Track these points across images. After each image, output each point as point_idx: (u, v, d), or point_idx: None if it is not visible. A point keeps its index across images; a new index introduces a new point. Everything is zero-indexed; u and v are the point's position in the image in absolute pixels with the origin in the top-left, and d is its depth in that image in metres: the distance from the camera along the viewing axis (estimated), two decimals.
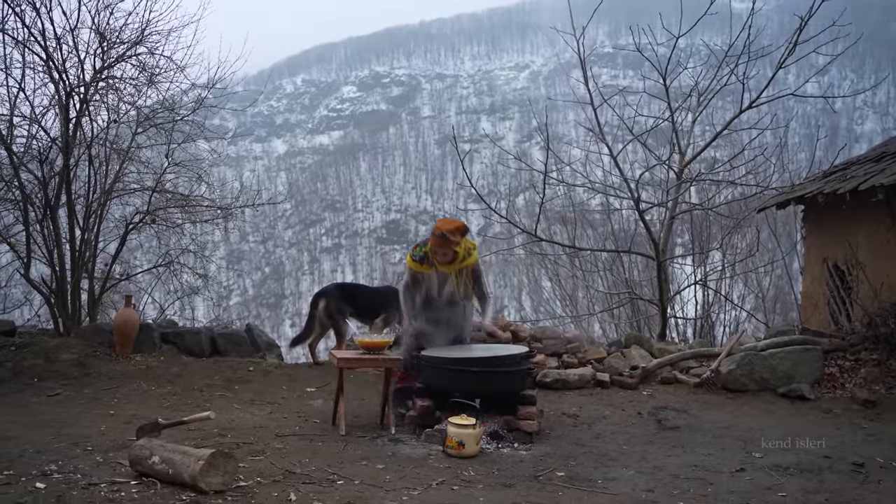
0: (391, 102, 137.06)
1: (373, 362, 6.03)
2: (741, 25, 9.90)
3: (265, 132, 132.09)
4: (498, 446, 5.35)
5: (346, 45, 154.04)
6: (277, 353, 9.04)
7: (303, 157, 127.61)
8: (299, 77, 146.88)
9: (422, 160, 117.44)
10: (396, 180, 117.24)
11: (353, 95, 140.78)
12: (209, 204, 10.22)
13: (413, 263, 6.15)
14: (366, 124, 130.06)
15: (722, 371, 7.57)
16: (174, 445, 4.37)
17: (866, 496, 4.47)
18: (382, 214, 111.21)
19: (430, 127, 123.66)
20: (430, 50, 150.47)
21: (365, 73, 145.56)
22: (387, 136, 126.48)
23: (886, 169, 8.25)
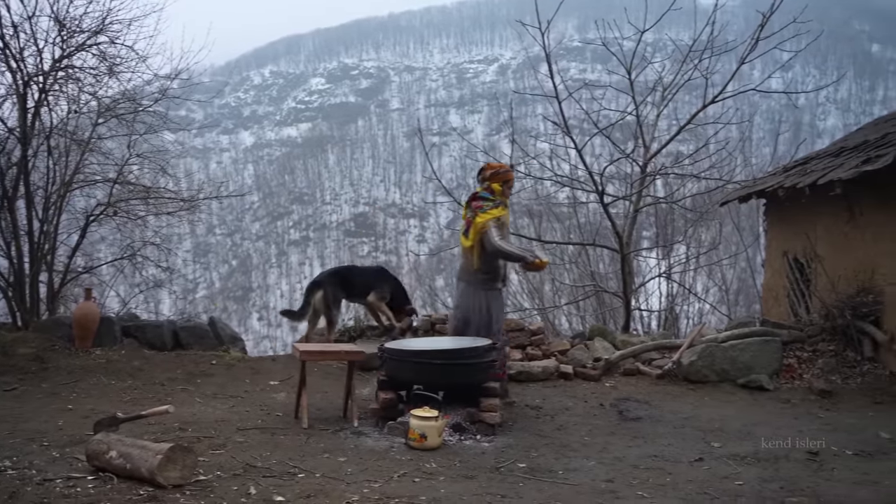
0: (360, 95, 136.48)
1: (335, 355, 6.02)
2: (706, 21, 10.00)
3: (232, 124, 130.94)
4: (460, 438, 5.37)
5: (315, 37, 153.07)
6: (241, 347, 8.97)
7: (270, 149, 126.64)
8: (267, 68, 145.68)
9: (390, 153, 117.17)
10: (365, 173, 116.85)
11: (322, 87, 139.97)
12: (172, 196, 10.10)
13: (496, 210, 6.23)
14: (334, 116, 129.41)
15: (683, 363, 7.67)
16: (132, 440, 4.32)
17: (820, 483, 4.56)
18: (351, 207, 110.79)
19: (398, 119, 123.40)
20: (400, 42, 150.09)
21: (333, 64, 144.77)
22: (355, 129, 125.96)
23: (845, 164, 8.39)
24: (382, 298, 8.25)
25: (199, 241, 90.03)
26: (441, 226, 59.90)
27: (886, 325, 7.91)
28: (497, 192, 6.32)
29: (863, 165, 7.74)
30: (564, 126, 9.83)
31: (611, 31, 10.42)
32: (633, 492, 4.34)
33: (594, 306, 13.94)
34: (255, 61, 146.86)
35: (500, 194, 6.32)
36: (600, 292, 12.64)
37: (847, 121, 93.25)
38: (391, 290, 8.33)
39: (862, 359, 7.98)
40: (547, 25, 9.14)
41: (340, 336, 8.25)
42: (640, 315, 13.47)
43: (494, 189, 6.32)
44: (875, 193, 8.10)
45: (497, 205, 6.28)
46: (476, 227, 6.22)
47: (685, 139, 12.26)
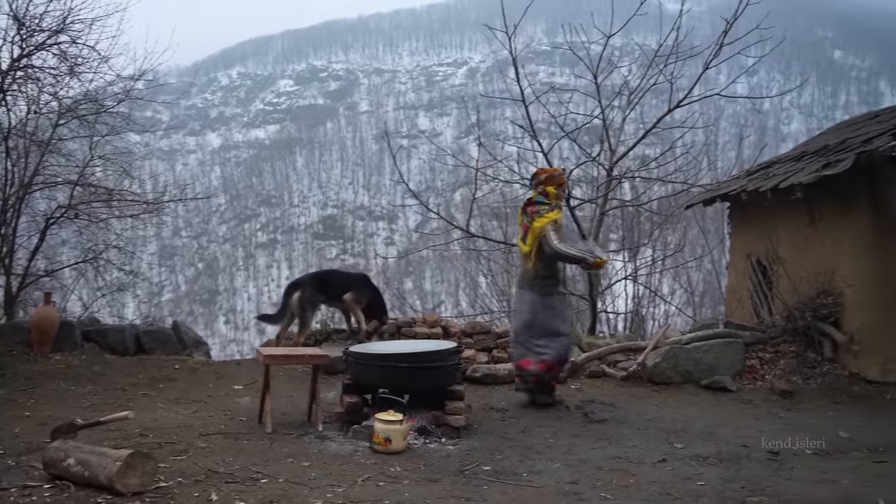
0: (328, 97, 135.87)
1: (300, 359, 5.98)
2: (672, 26, 10.11)
3: (199, 125, 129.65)
4: (425, 441, 5.36)
5: (283, 38, 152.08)
6: (205, 351, 8.87)
7: (238, 151, 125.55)
8: (234, 70, 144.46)
9: (359, 155, 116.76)
10: (333, 175, 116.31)
11: (290, 89, 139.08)
12: (134, 198, 9.96)
13: (552, 213, 6.35)
14: (303, 118, 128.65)
15: (648, 364, 7.73)
16: (91, 447, 4.25)
17: (780, 482, 4.62)
18: (319, 210, 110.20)
19: (367, 122, 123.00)
20: (369, 45, 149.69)
21: (302, 66, 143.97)
22: (324, 131, 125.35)
23: (805, 168, 8.53)
24: (358, 301, 8.22)
25: (164, 244, 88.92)
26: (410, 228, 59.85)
27: (846, 327, 8.05)
28: (552, 196, 6.44)
29: (823, 170, 7.87)
30: (531, 130, 9.88)
31: (579, 36, 10.50)
32: (597, 493, 4.36)
33: None
34: (223, 62, 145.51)
35: (554, 197, 6.44)
36: (567, 295, 12.68)
37: (810, 125, 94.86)
38: (370, 297, 8.32)
39: (822, 359, 8.12)
40: (514, 30, 9.19)
41: (306, 340, 8.21)
42: (607, 317, 13.57)
43: (549, 192, 6.43)
44: (835, 197, 8.25)
45: (553, 208, 6.39)
46: (534, 232, 6.31)
47: (652, 143, 12.39)
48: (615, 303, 14.20)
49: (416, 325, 8.20)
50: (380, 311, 8.35)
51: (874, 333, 7.78)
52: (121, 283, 10.86)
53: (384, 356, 5.59)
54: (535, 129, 10.57)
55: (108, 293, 11.03)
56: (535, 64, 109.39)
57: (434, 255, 35.10)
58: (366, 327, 8.19)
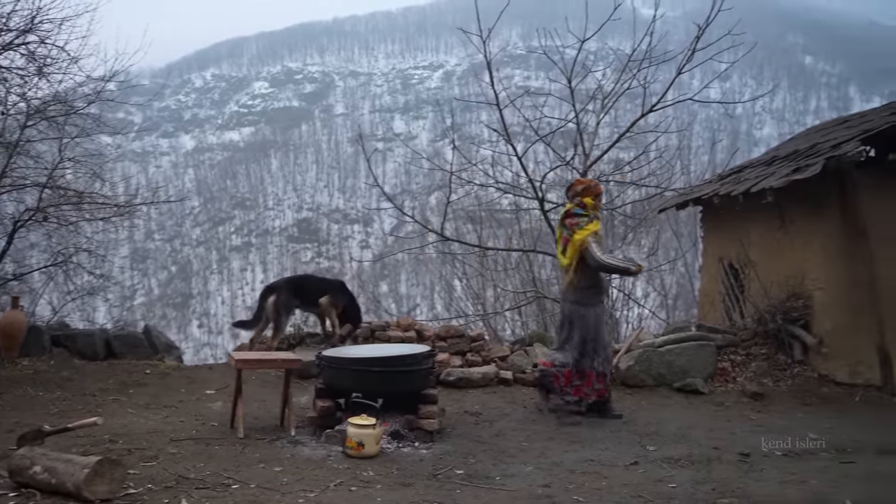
0: (304, 99, 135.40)
1: (272, 363, 5.94)
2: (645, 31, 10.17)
3: (172, 127, 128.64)
4: (399, 446, 5.34)
5: (258, 40, 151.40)
6: (177, 356, 8.79)
7: (212, 153, 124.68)
8: (209, 71, 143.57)
9: (334, 158, 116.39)
10: (308, 178, 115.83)
11: (265, 91, 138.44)
12: (105, 201, 9.83)
13: (592, 225, 6.34)
14: (277, 121, 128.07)
15: (621, 367, 7.77)
16: (58, 454, 4.19)
17: (750, 484, 4.67)
18: (294, 213, 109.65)
19: (343, 125, 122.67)
20: (344, 47, 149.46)
21: (277, 68, 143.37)
22: (299, 134, 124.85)
23: (776, 172, 8.62)
24: (335, 305, 8.20)
25: (136, 247, 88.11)
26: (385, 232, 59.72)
27: (815, 329, 8.15)
28: (589, 207, 6.43)
29: (793, 174, 7.96)
30: (505, 133, 9.89)
31: (553, 40, 10.54)
32: (570, 497, 4.38)
33: (536, 312, 14.04)
34: (197, 64, 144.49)
35: (592, 208, 6.43)
36: (541, 298, 12.73)
37: (782, 130, 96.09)
38: (346, 302, 8.31)
39: (792, 362, 8.22)
40: (488, 34, 9.20)
41: (280, 344, 8.16)
42: None
43: (587, 204, 6.42)
44: (805, 201, 8.35)
45: (592, 219, 6.38)
46: (575, 245, 6.32)
47: (627, 146, 12.46)
48: None
49: (389, 328, 8.18)
50: (354, 316, 8.34)
51: (843, 336, 7.89)
52: (91, 286, 10.70)
53: (357, 360, 5.57)
54: (511, 133, 10.58)
55: (79, 297, 10.87)
56: (510, 68, 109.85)
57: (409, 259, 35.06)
58: (340, 331, 8.17)
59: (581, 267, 6.35)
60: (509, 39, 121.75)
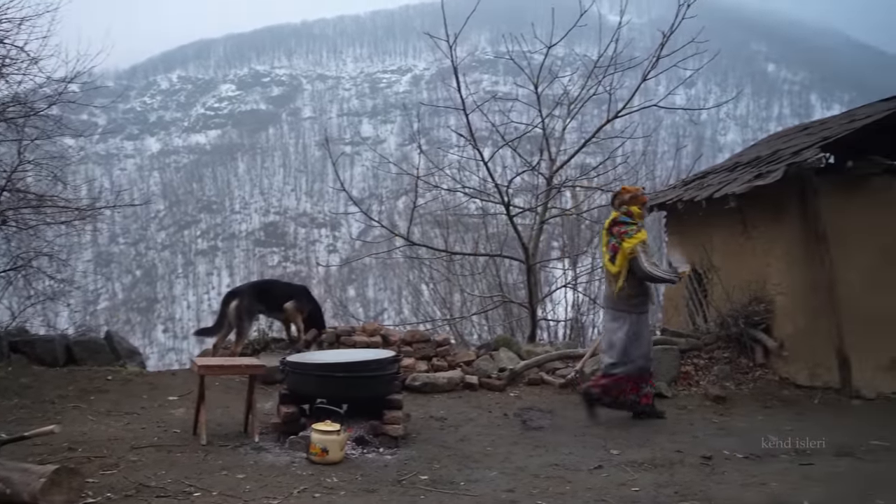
0: (271, 102, 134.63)
1: (235, 369, 5.88)
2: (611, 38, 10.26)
3: (137, 129, 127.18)
4: (363, 452, 5.32)
5: (226, 42, 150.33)
6: (139, 361, 8.66)
7: (178, 156, 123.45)
8: (175, 73, 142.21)
9: (302, 162, 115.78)
10: (275, 182, 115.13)
11: (232, 94, 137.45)
12: (66, 204, 9.65)
13: (640, 234, 6.37)
14: (244, 124, 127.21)
15: (586, 371, 7.81)
16: (14, 463, 4.12)
17: (711, 486, 4.73)
18: (261, 216, 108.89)
19: (310, 128, 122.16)
20: (312, 50, 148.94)
21: (244, 71, 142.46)
22: (266, 137, 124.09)
23: (739, 178, 8.74)
24: (300, 310, 8.16)
25: (100, 251, 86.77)
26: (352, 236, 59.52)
27: (776, 333, 8.27)
28: (636, 215, 6.46)
29: (755, 180, 8.08)
30: (472, 138, 9.91)
31: (520, 46, 10.58)
32: (533, 501, 4.40)
33: (502, 316, 14.08)
34: (163, 65, 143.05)
35: (638, 217, 6.47)
36: (507, 303, 12.77)
37: (746, 136, 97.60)
38: (310, 308, 8.28)
39: (754, 365, 8.32)
40: (454, 39, 9.21)
41: (244, 349, 8.08)
42: (548, 325, 13.69)
43: (633, 212, 6.45)
44: (767, 207, 8.47)
45: (639, 228, 6.41)
46: (624, 253, 6.36)
47: (594, 152, 12.54)
48: (555, 310, 14.33)
49: (355, 333, 8.14)
50: (319, 322, 8.31)
51: (803, 339, 8.01)
52: (53, 291, 10.50)
53: (322, 366, 5.53)
54: (479, 138, 10.60)
55: (39, 302, 10.67)
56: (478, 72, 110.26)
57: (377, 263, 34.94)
58: (305, 336, 8.12)
59: (630, 275, 6.43)
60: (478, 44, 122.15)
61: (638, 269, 6.34)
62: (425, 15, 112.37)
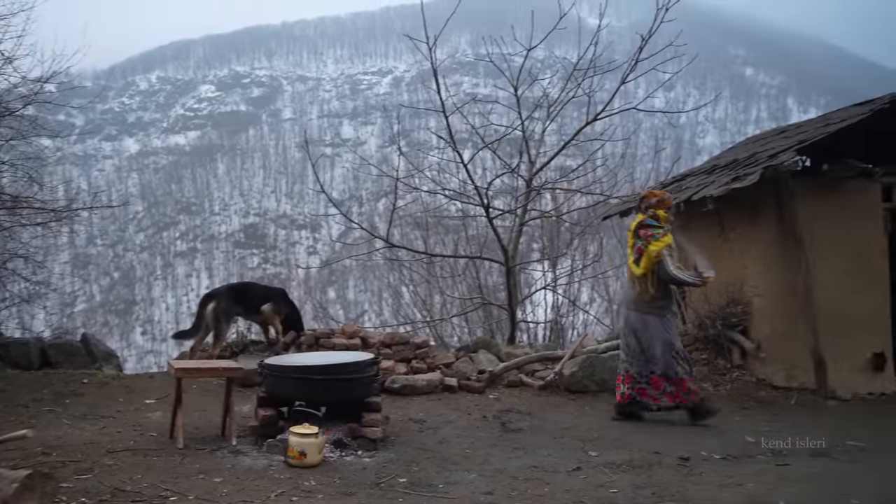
0: (251, 103, 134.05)
1: (213, 372, 5.84)
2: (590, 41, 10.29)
3: (116, 130, 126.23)
4: (341, 454, 5.30)
5: (205, 43, 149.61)
6: (116, 364, 8.57)
7: (157, 157, 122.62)
8: (154, 74, 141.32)
9: (282, 163, 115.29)
10: (255, 183, 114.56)
11: (212, 95, 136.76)
12: (42, 206, 9.54)
13: (667, 237, 6.45)
14: (224, 125, 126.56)
15: (565, 373, 7.83)
16: None
17: (689, 488, 4.75)
18: (241, 218, 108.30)
19: (290, 129, 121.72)
20: (293, 51, 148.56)
21: (224, 72, 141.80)
22: (246, 138, 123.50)
23: (716, 181, 8.80)
24: (277, 312, 8.13)
25: (78, 253, 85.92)
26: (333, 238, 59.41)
27: (754, 334, 8.34)
28: (662, 219, 6.50)
29: (732, 183, 8.14)
30: (451, 140, 9.91)
31: (500, 48, 10.59)
32: (511, 503, 4.39)
33: (482, 318, 14.09)
34: (142, 66, 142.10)
35: (664, 220, 6.50)
36: (487, 305, 12.78)
37: (724, 139, 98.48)
38: (288, 310, 8.25)
39: (731, 366, 8.40)
40: (434, 41, 9.20)
41: (222, 351, 8.03)
42: (527, 326, 13.71)
43: (660, 216, 6.50)
44: (744, 210, 8.54)
45: (666, 232, 6.44)
46: (650, 256, 6.40)
47: (574, 154, 12.57)
48: (535, 312, 14.36)
49: (334, 336, 8.11)
50: (297, 324, 8.29)
51: (780, 341, 8.10)
52: (28, 293, 10.38)
53: (300, 368, 5.50)
54: (459, 140, 10.61)
55: (14, 305, 10.54)
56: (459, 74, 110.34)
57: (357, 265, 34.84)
58: (284, 339, 8.09)
59: (655, 278, 6.49)
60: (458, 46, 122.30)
61: (663, 271, 6.42)
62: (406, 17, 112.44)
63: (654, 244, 6.41)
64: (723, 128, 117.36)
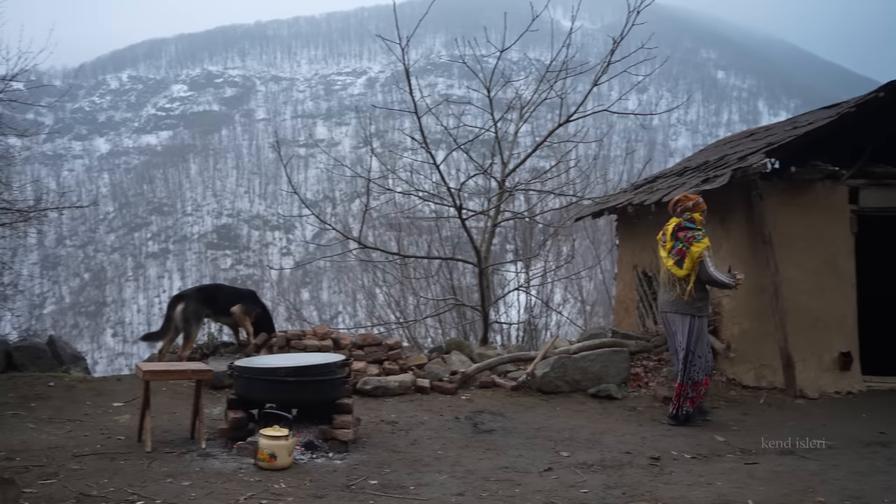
0: (224, 103, 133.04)
1: (181, 374, 5.78)
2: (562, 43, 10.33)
3: (86, 130, 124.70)
4: (312, 457, 5.26)
5: (177, 42, 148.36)
6: (84, 367, 8.44)
7: (128, 157, 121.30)
8: (125, 73, 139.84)
9: (255, 163, 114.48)
10: (228, 184, 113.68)
11: (184, 94, 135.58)
12: (7, 206, 9.40)
13: (705, 239, 6.65)
14: (197, 125, 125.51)
15: (537, 374, 7.85)
16: None
17: (659, 487, 4.78)
18: (213, 219, 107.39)
19: (264, 130, 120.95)
20: (266, 51, 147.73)
21: (197, 71, 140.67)
22: (219, 138, 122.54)
23: (687, 183, 8.87)
24: (247, 313, 8.06)
25: (47, 254, 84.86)
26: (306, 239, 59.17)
27: (723, 335, 8.41)
28: (698, 222, 6.68)
29: (702, 185, 8.21)
30: (424, 141, 9.90)
31: (474, 50, 10.59)
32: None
33: (455, 320, 14.11)
34: (113, 65, 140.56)
35: (700, 223, 6.68)
36: (460, 306, 12.79)
37: (696, 141, 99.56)
38: (259, 312, 8.18)
39: None
40: (407, 42, 9.18)
41: (193, 353, 7.95)
42: (501, 327, 13.74)
43: (696, 219, 6.68)
44: (713, 211, 8.58)
45: (704, 234, 6.64)
46: (692, 257, 6.57)
47: (548, 155, 12.63)
48: (508, 313, 14.41)
49: (306, 337, 8.05)
50: (268, 326, 8.22)
51: (749, 341, 8.18)
52: None
53: (270, 370, 5.45)
54: (433, 141, 10.59)
55: None
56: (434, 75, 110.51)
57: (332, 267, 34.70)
58: (255, 340, 8.02)
59: (696, 279, 6.65)
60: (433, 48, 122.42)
61: (703, 272, 6.61)
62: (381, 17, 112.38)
63: (695, 245, 6.61)
64: (695, 130, 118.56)
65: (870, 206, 8.32)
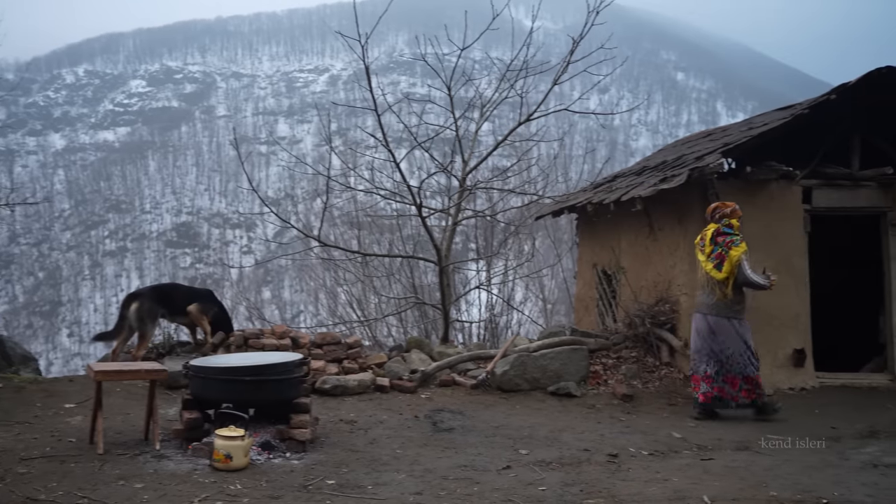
0: (184, 100, 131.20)
1: (135, 374, 5.67)
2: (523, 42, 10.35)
3: (41, 125, 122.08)
4: (269, 457, 5.20)
5: (136, 36, 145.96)
6: (34, 367, 8.25)
7: (84, 153, 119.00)
8: (81, 67, 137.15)
9: (216, 161, 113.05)
10: (188, 181, 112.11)
11: (142, 90, 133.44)
12: None
13: (744, 243, 6.90)
14: (156, 121, 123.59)
15: (497, 372, 7.86)
16: None
17: (616, 483, 4.81)
18: (173, 216, 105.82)
19: (225, 127, 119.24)
20: (227, 47, 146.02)
21: (155, 67, 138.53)
22: (178, 135, 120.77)
23: (645, 182, 8.97)
24: (204, 312, 7.96)
25: None
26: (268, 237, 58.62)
27: (681, 332, 8.51)
28: (736, 227, 6.97)
29: (660, 184, 8.30)
30: (384, 139, 9.86)
31: (435, 48, 10.57)
32: (440, 503, 4.37)
33: (417, 318, 14.07)
34: (68, 59, 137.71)
35: (737, 229, 6.92)
36: (421, 304, 12.76)
37: (657, 141, 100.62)
38: (216, 311, 8.09)
39: (660, 364, 8.55)
40: (366, 39, 9.13)
41: (148, 353, 7.81)
42: (463, 326, 13.74)
43: (734, 224, 6.98)
44: (671, 210, 8.72)
45: (742, 238, 6.92)
46: (732, 261, 6.82)
47: (510, 154, 12.63)
48: (469, 311, 14.42)
49: (264, 336, 7.96)
50: (225, 325, 8.14)
51: None
52: None
53: (226, 369, 5.38)
54: (395, 139, 10.57)
55: None
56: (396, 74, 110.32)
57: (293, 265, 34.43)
58: (212, 340, 7.92)
59: (734, 281, 6.88)
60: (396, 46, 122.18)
61: (741, 275, 6.83)
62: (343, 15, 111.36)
63: (734, 249, 6.86)
64: (655, 130, 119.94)
65: (822, 205, 8.49)
